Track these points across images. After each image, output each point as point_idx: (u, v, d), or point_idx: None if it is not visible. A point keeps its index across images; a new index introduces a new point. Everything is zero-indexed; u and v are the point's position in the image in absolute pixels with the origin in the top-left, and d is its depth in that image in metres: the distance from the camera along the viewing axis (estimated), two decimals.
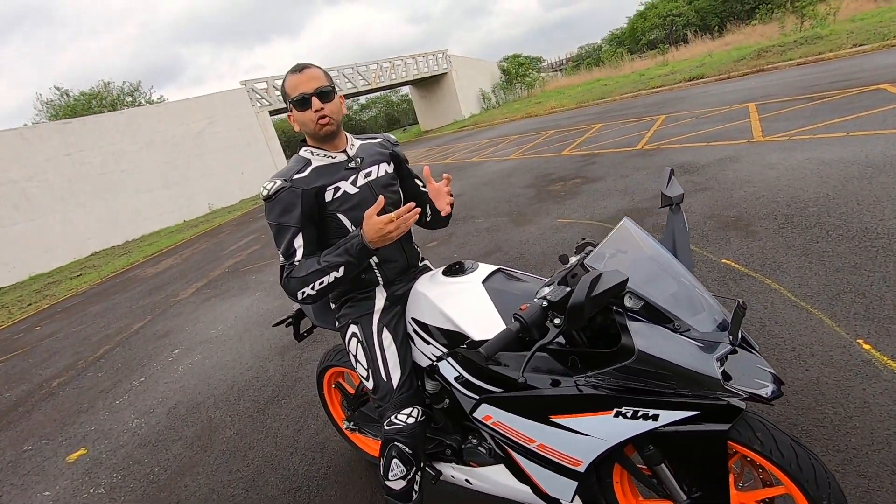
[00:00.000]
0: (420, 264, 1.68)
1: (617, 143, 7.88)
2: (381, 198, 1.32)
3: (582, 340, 1.13)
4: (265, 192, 1.37)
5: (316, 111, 1.38)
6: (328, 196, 1.41)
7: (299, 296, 1.35)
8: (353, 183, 1.46)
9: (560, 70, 55.13)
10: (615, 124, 10.14)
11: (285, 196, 1.36)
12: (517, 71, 36.22)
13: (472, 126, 24.26)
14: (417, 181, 1.71)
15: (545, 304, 1.03)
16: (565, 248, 3.91)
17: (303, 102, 1.37)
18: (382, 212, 1.33)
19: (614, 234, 1.21)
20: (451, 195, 1.62)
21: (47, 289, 10.85)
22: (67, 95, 27.34)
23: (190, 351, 4.16)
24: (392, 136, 1.69)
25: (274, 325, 1.94)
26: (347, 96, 32.12)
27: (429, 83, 32.66)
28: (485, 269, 1.44)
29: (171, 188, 17.94)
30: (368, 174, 1.50)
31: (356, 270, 1.37)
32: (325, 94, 1.39)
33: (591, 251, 1.18)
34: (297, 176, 1.40)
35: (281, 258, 1.38)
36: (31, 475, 2.83)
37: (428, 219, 1.68)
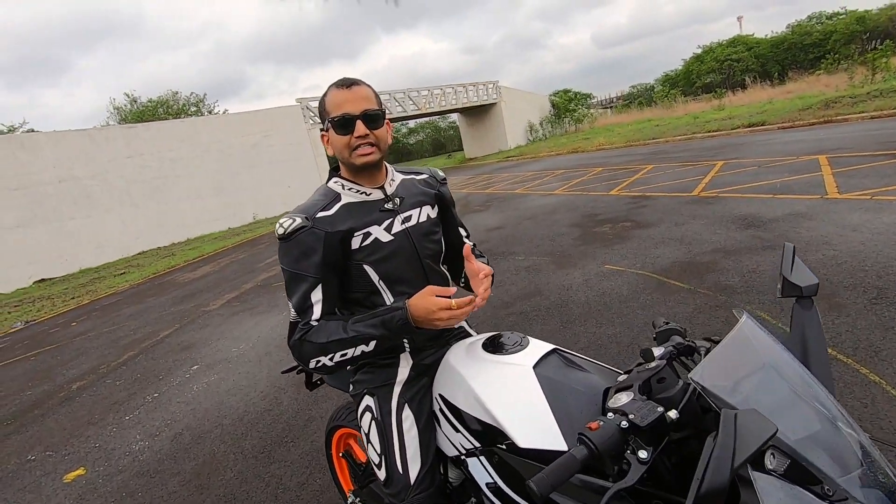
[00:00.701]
0: (455, 326, 1.42)
1: (670, 186, 7.47)
2: (454, 289, 1.11)
3: (666, 467, 0.84)
4: (280, 231, 1.13)
5: (358, 137, 1.14)
6: (356, 243, 1.17)
7: (312, 364, 1.12)
8: (388, 229, 1.20)
9: (610, 107, 54.76)
10: (668, 166, 9.71)
11: (305, 238, 1.12)
12: (566, 105, 36.13)
13: (516, 157, 24.13)
14: (462, 231, 1.46)
15: (624, 424, 0.75)
16: (613, 300, 3.57)
17: (345, 124, 1.13)
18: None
19: (732, 336, 0.87)
20: (489, 289, 1.23)
21: (91, 284, 11.20)
22: (136, 102, 29.09)
23: (208, 369, 4.02)
24: (440, 172, 1.42)
25: (283, 372, 1.71)
26: (396, 119, 32.80)
27: (477, 112, 32.96)
28: (536, 347, 1.15)
29: (220, 196, 18.52)
30: (407, 219, 1.24)
31: (388, 345, 1.14)
32: (373, 119, 1.15)
33: (701, 365, 0.83)
34: (321, 214, 1.16)
35: (292, 312, 1.13)
36: (27, 492, 2.69)
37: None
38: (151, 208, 16.57)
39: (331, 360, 1.11)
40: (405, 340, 1.26)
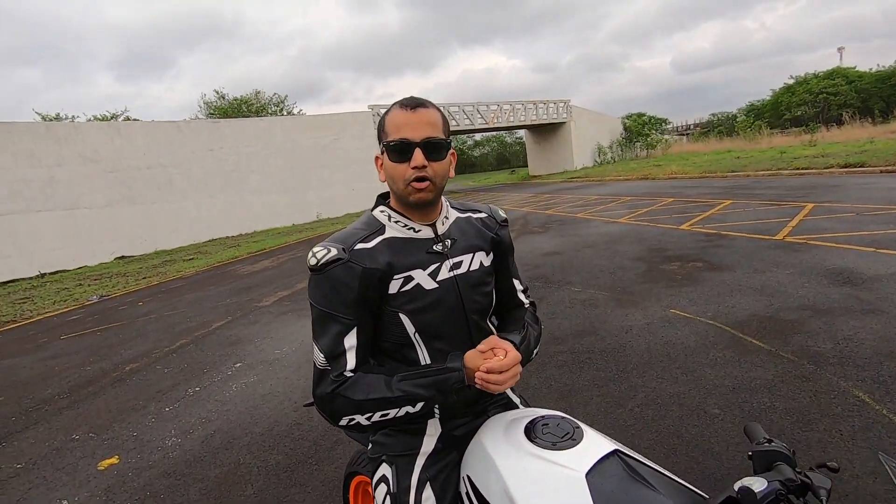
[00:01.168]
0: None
1: (750, 226, 6.86)
2: (516, 353, 0.98)
3: None
4: (313, 261, 0.99)
5: (415, 168, 0.98)
6: (394, 286, 1.01)
7: (344, 421, 0.98)
8: (434, 275, 1.04)
9: (686, 135, 52.41)
10: (748, 203, 8.99)
11: (340, 272, 0.97)
12: (639, 129, 34.91)
13: (582, 178, 23.50)
14: (517, 283, 1.26)
15: None
16: (678, 351, 3.22)
17: (401, 150, 0.99)
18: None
19: None
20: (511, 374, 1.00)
21: (163, 266, 11.91)
22: (223, 99, 31.14)
23: (249, 369, 4.03)
24: (501, 213, 1.24)
25: (304, 406, 1.58)
26: (463, 132, 32.99)
27: (545, 129, 32.53)
28: (592, 444, 0.91)
29: (288, 193, 19.31)
30: (457, 265, 1.08)
31: (429, 409, 1.02)
32: (436, 149, 1.00)
33: None
34: (359, 246, 1.01)
35: (320, 357, 0.99)
36: (63, 473, 2.75)
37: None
38: (224, 199, 17.51)
39: (368, 419, 0.97)
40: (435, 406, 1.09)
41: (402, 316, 1.03)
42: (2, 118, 14.39)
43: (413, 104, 1.01)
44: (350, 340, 0.99)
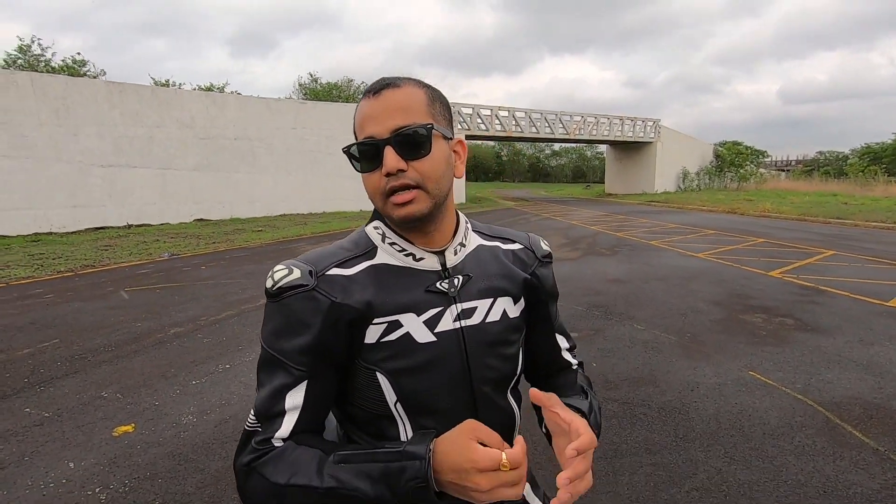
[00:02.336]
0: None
1: (857, 286, 5.95)
2: (521, 442, 0.61)
3: None
4: (269, 283, 0.72)
5: (388, 174, 0.69)
6: (372, 334, 0.72)
7: None
8: (431, 324, 0.74)
9: (785, 171, 48.53)
10: (855, 258, 7.90)
11: (298, 304, 0.70)
12: (733, 159, 32.51)
13: (661, 203, 22.16)
14: (563, 340, 0.93)
15: None
16: (755, 427, 2.70)
17: (368, 154, 0.70)
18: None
19: None
20: (586, 478, 0.64)
21: (234, 234, 12.45)
22: (316, 82, 32.46)
23: None
24: (543, 245, 0.92)
25: None
26: (541, 140, 32.19)
27: (629, 147, 31.12)
28: None
29: (359, 179, 19.49)
30: (468, 313, 0.77)
31: None
32: (413, 141, 0.69)
33: None
34: (334, 271, 0.73)
35: (251, 415, 0.71)
36: (81, 432, 2.74)
37: (545, 424, 0.83)
38: (300, 177, 18.15)
39: None
40: None
41: (380, 377, 0.72)
42: (123, 80, 15.61)
43: (378, 87, 0.71)
44: (294, 399, 0.70)
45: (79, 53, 38.00)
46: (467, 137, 24.71)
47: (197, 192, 15.53)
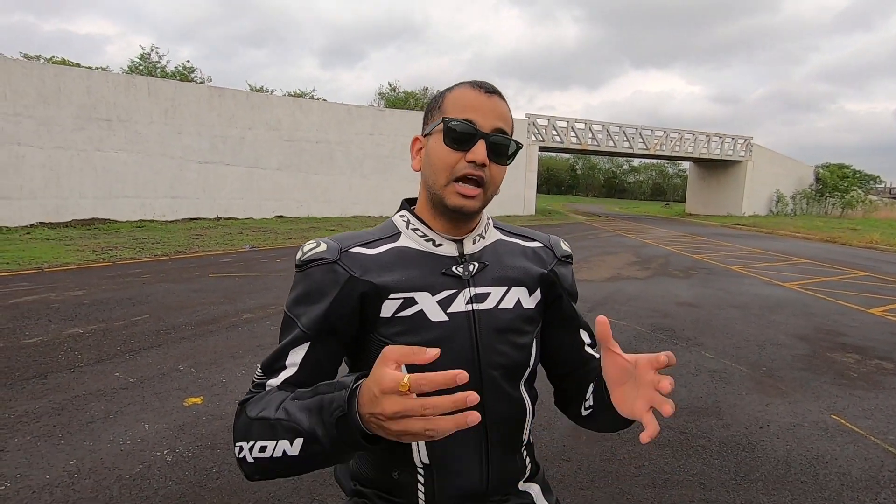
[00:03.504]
0: (521, 487, 0.88)
1: None
2: (433, 351, 0.54)
3: None
4: (298, 255, 0.80)
5: (471, 162, 0.76)
6: (388, 308, 0.77)
7: (236, 450, 0.70)
8: (445, 304, 0.78)
9: None
10: None
11: (318, 273, 0.77)
12: (836, 183, 29.58)
13: (748, 227, 20.60)
14: (584, 335, 0.94)
15: None
16: (832, 477, 2.43)
17: (463, 138, 0.76)
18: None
19: None
20: (669, 393, 0.60)
21: (308, 231, 13.16)
22: (395, 91, 33.65)
23: None
24: (564, 245, 0.96)
25: None
26: (617, 155, 31.07)
27: (715, 166, 29.26)
28: None
29: None
30: (480, 298, 0.81)
31: (321, 461, 0.64)
32: (504, 149, 0.79)
33: None
34: (357, 249, 0.80)
35: (258, 369, 0.78)
36: (157, 398, 3.02)
37: (585, 409, 0.84)
38: (374, 181, 18.84)
39: (250, 451, 0.67)
40: (420, 485, 0.80)
41: None
42: (224, 86, 17.10)
43: (489, 88, 0.79)
44: (295, 356, 0.75)
45: (188, 61, 42.21)
46: (541, 149, 24.50)
47: (278, 191, 16.59)
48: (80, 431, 2.59)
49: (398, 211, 0.90)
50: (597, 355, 0.94)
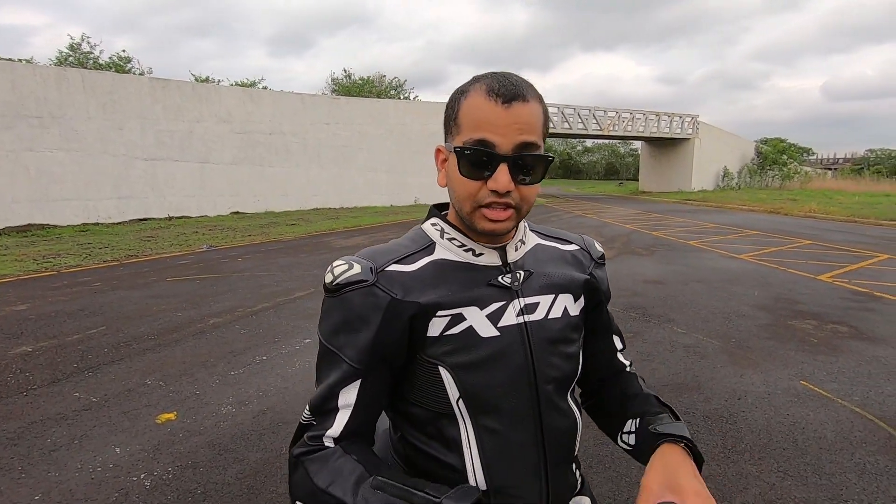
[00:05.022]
0: (573, 502, 0.86)
1: None
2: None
3: None
4: (328, 278, 0.72)
5: (494, 191, 0.67)
6: (436, 327, 0.70)
7: None
8: (494, 318, 0.72)
9: (832, 169, 46.40)
10: None
11: (357, 299, 0.69)
12: (776, 157, 31.21)
13: (698, 202, 21.49)
14: (616, 341, 0.91)
15: None
16: (810, 441, 2.55)
17: (480, 162, 0.67)
18: None
19: None
20: None
21: (268, 227, 12.71)
22: (350, 78, 32.78)
23: (315, 348, 3.96)
24: (598, 246, 0.92)
25: None
26: (573, 136, 31.62)
27: (665, 144, 30.25)
28: None
29: (391, 174, 19.85)
30: (530, 308, 0.75)
31: None
32: (530, 166, 0.68)
33: None
34: (394, 267, 0.72)
35: (306, 408, 0.72)
36: (126, 418, 2.82)
37: (623, 442, 0.82)
38: (332, 172, 18.39)
39: None
40: None
41: (442, 371, 0.71)
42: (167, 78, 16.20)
43: (508, 94, 0.65)
44: (348, 397, 0.70)
45: (123, 51, 39.56)
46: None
47: (233, 186, 15.92)
48: (42, 461, 2.38)
49: (427, 219, 0.82)
50: (627, 362, 0.92)
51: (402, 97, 32.53)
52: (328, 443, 0.70)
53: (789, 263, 7.43)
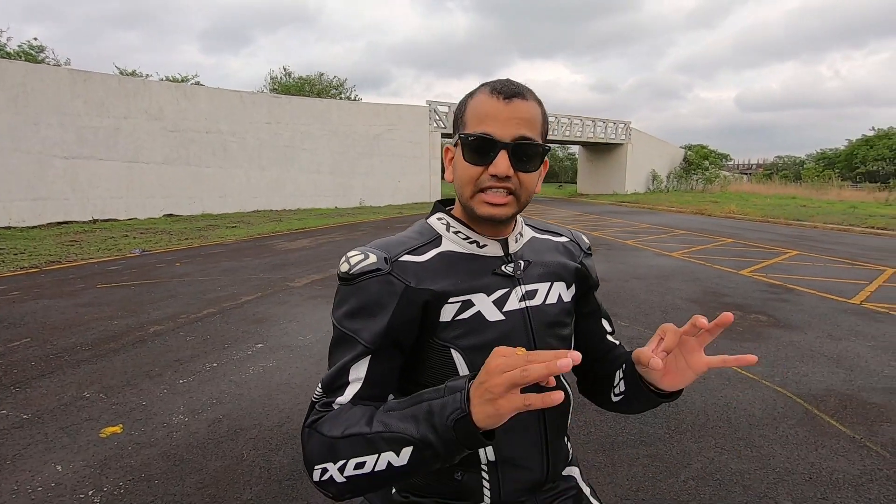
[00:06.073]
0: (564, 472, 0.94)
1: (821, 284, 6.26)
2: (574, 354, 0.56)
3: None
4: (344, 267, 0.77)
5: (494, 175, 0.75)
6: (447, 313, 0.77)
7: (316, 474, 0.68)
8: (500, 303, 0.80)
9: (747, 174, 50.40)
10: (816, 257, 8.30)
11: (374, 286, 0.75)
12: (700, 162, 33.56)
13: (631, 203, 22.72)
14: (605, 324, 1.00)
15: None
16: (741, 419, 2.82)
17: (482, 149, 0.75)
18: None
19: None
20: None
21: (206, 229, 12.11)
22: (289, 77, 31.85)
23: (270, 352, 3.87)
24: (585, 239, 1.02)
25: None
26: None
27: (601, 149, 31.74)
28: None
29: (335, 175, 19.50)
30: (530, 294, 0.84)
31: (437, 465, 0.64)
32: (528, 155, 0.76)
33: None
34: (407, 258, 0.79)
35: (318, 387, 0.75)
36: (65, 433, 2.63)
37: (616, 396, 0.89)
38: (274, 173, 17.80)
39: (341, 471, 0.66)
40: (484, 480, 0.81)
41: (454, 353, 0.78)
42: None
43: (509, 92, 0.75)
44: (358, 371, 0.74)
45: (35, 38, 36.18)
46: (443, 136, 24.79)
47: (166, 187, 15.04)
48: None
49: (432, 213, 0.89)
50: (617, 342, 1.01)
51: (343, 97, 32.03)
52: (336, 406, 0.73)
53: (715, 260, 8.07)
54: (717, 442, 2.57)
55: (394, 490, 0.91)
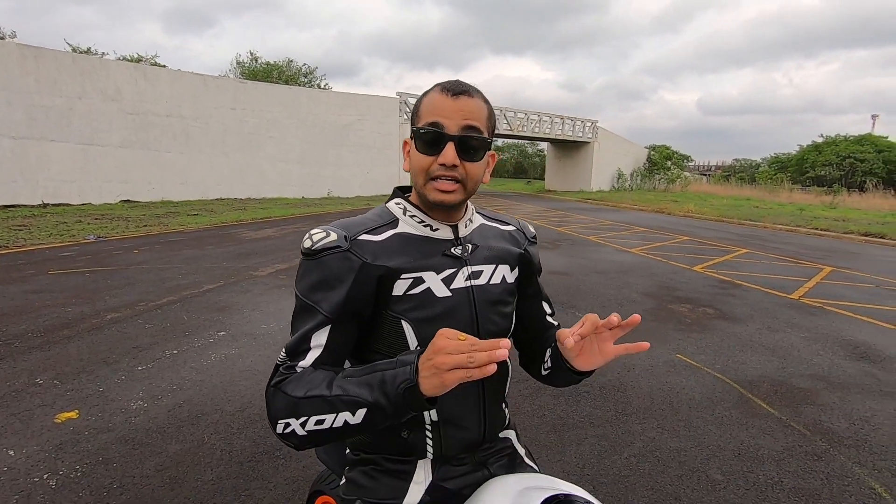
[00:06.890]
0: (501, 434, 1.05)
1: (765, 280, 6.66)
2: (504, 342, 0.66)
3: None
4: (307, 243, 0.85)
5: (443, 164, 0.84)
6: (400, 287, 0.86)
7: (279, 427, 0.77)
8: (448, 281, 0.89)
9: (706, 175, 52.25)
10: (764, 256, 8.79)
11: (334, 261, 0.83)
12: (662, 162, 34.63)
13: (596, 201, 23.29)
14: (545, 306, 1.11)
15: None
16: (682, 402, 3.03)
17: (432, 141, 0.84)
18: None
19: None
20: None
21: (166, 217, 11.76)
22: (256, 61, 30.98)
23: (231, 340, 3.86)
24: (531, 227, 1.12)
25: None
26: None
27: (568, 146, 32.32)
28: None
29: (302, 165, 19.17)
30: (476, 275, 0.93)
31: (386, 423, 0.74)
32: (473, 147, 0.85)
33: None
34: (365, 236, 0.87)
35: (282, 352, 0.84)
36: (17, 419, 2.58)
37: (545, 370, 1.01)
38: (238, 160, 17.37)
39: (303, 426, 0.75)
40: (428, 437, 0.91)
41: (404, 324, 0.87)
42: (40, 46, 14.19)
43: (456, 89, 0.86)
44: (319, 338, 0.82)
45: None
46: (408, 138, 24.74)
47: (123, 171, 14.49)
48: None
49: (391, 198, 0.98)
50: (555, 323, 1.12)
51: (312, 85, 31.42)
52: (299, 369, 0.81)
53: (671, 256, 8.44)
54: (659, 423, 2.76)
55: (347, 450, 1.00)
